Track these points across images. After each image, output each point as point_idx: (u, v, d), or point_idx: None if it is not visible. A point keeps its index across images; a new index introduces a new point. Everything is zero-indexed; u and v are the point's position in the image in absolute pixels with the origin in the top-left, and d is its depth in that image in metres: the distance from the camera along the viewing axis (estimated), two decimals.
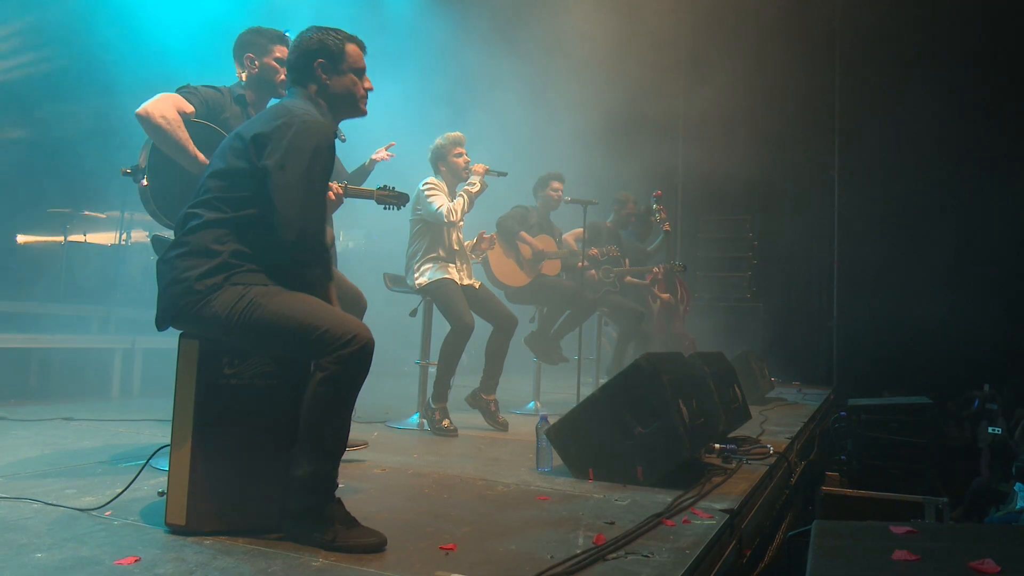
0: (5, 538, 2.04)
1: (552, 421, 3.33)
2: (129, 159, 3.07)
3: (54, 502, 2.41)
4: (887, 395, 7.78)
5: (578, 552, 2.07)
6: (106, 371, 5.75)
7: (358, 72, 2.52)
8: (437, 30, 8.26)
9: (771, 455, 3.79)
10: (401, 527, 2.26)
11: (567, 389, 5.70)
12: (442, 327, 4.51)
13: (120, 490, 2.44)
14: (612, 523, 2.44)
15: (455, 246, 4.67)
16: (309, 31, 2.48)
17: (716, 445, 3.62)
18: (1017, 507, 5.94)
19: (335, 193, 3.10)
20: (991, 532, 3.19)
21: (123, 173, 3.06)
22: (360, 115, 2.58)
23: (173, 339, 2.25)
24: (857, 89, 10.11)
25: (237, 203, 2.25)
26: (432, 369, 4.58)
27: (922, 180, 9.31)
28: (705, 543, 2.23)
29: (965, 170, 9.17)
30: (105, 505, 2.37)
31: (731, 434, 4.05)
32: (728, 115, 10.18)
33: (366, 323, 2.31)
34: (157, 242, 3.10)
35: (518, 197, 5.72)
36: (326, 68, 2.45)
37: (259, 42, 3.27)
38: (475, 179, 4.59)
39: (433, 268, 4.57)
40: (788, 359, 9.22)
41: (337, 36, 2.49)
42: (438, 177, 4.69)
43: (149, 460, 2.58)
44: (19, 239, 7.66)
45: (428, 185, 4.58)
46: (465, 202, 4.53)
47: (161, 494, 2.24)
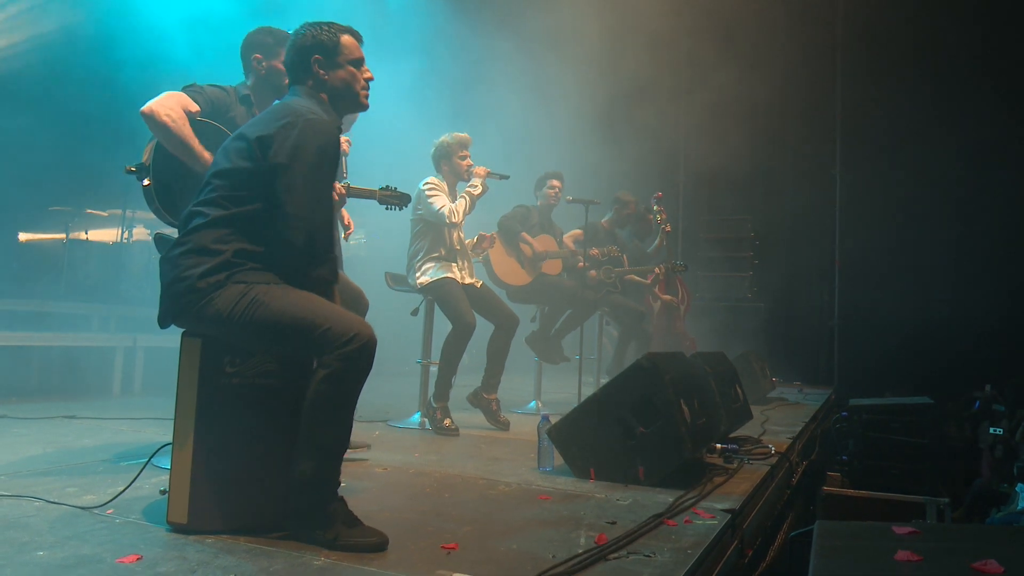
0: (7, 536, 2.04)
1: (553, 420, 3.33)
2: (132, 157, 3.07)
3: (56, 500, 2.41)
4: (889, 395, 7.77)
5: (580, 552, 2.07)
6: (108, 369, 5.76)
7: (355, 63, 2.49)
8: (437, 30, 8.26)
9: (772, 455, 3.78)
10: (402, 526, 2.26)
11: (568, 389, 5.71)
12: (443, 326, 4.51)
13: (122, 488, 2.44)
14: (614, 523, 2.43)
15: (456, 245, 4.67)
16: (302, 28, 2.46)
17: (717, 445, 3.62)
18: (1018, 508, 5.93)
19: (338, 193, 3.11)
20: (993, 533, 3.18)
21: (126, 171, 3.05)
22: (362, 109, 2.55)
23: (175, 337, 2.25)
24: (858, 88, 10.10)
25: (241, 202, 2.25)
26: (433, 368, 4.58)
27: (924, 179, 9.29)
28: (707, 543, 2.23)
29: (967, 169, 9.15)
30: (107, 503, 2.37)
31: (732, 434, 4.04)
32: (729, 114, 10.16)
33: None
34: (160, 240, 3.09)
35: (519, 197, 5.72)
36: (323, 63, 2.43)
37: (267, 43, 3.25)
38: (477, 181, 4.58)
39: (435, 267, 4.57)
40: (789, 359, 9.22)
41: (330, 29, 2.46)
42: (439, 176, 4.68)
43: (151, 458, 2.58)
44: (21, 237, 7.66)
45: (429, 185, 4.58)
46: (467, 204, 4.53)
47: (163, 492, 2.24)
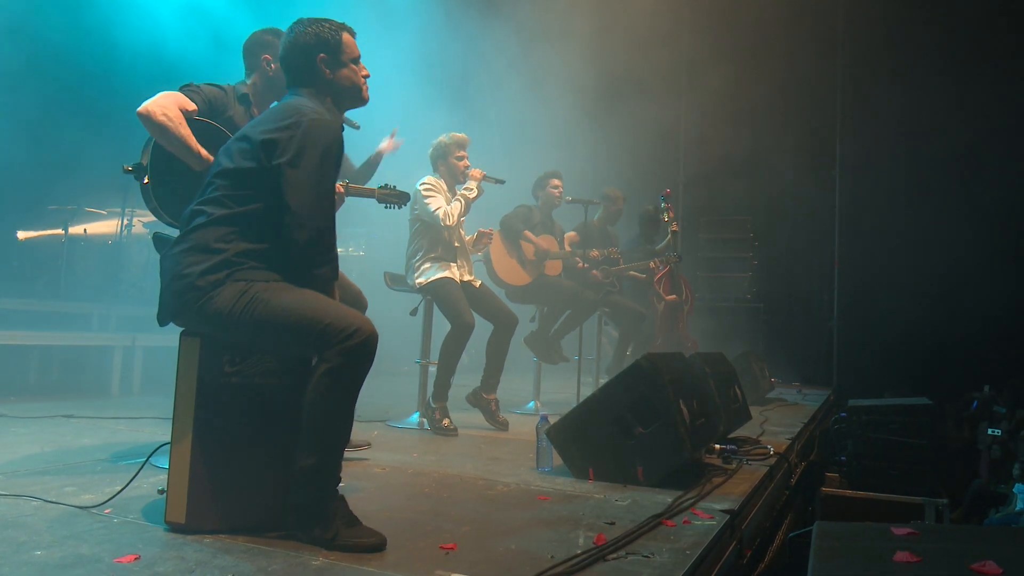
0: (5, 535, 2.04)
1: (552, 421, 3.32)
2: (131, 156, 3.06)
3: (54, 500, 2.40)
4: (888, 396, 7.78)
5: (578, 552, 2.07)
6: (106, 368, 5.75)
7: (356, 60, 2.52)
8: (435, 29, 8.26)
9: (771, 456, 3.79)
10: (401, 526, 2.26)
11: (567, 389, 5.70)
12: (442, 326, 4.51)
13: (120, 488, 2.44)
14: (612, 523, 2.43)
15: (455, 244, 4.66)
16: (301, 26, 2.45)
17: (716, 446, 3.62)
18: (1016, 509, 5.94)
19: (336, 193, 3.09)
20: (992, 534, 3.19)
21: (125, 170, 3.05)
22: (363, 103, 2.57)
23: (173, 337, 2.25)
24: (859, 89, 10.11)
25: (244, 201, 2.25)
26: (432, 368, 4.58)
27: (923, 180, 9.31)
28: (705, 544, 2.23)
29: (967, 170, 9.16)
30: (105, 503, 2.37)
31: (731, 434, 4.05)
32: (729, 115, 10.18)
33: None
34: (158, 240, 3.09)
35: (517, 197, 5.72)
36: (328, 62, 2.44)
37: (276, 45, 3.23)
38: (472, 184, 4.58)
39: (433, 267, 4.56)
40: (788, 359, 9.22)
41: (331, 27, 2.47)
42: (436, 175, 4.68)
43: (149, 458, 2.58)
44: (19, 235, 7.66)
45: (426, 185, 4.57)
46: (462, 207, 4.53)
47: (161, 492, 2.24)
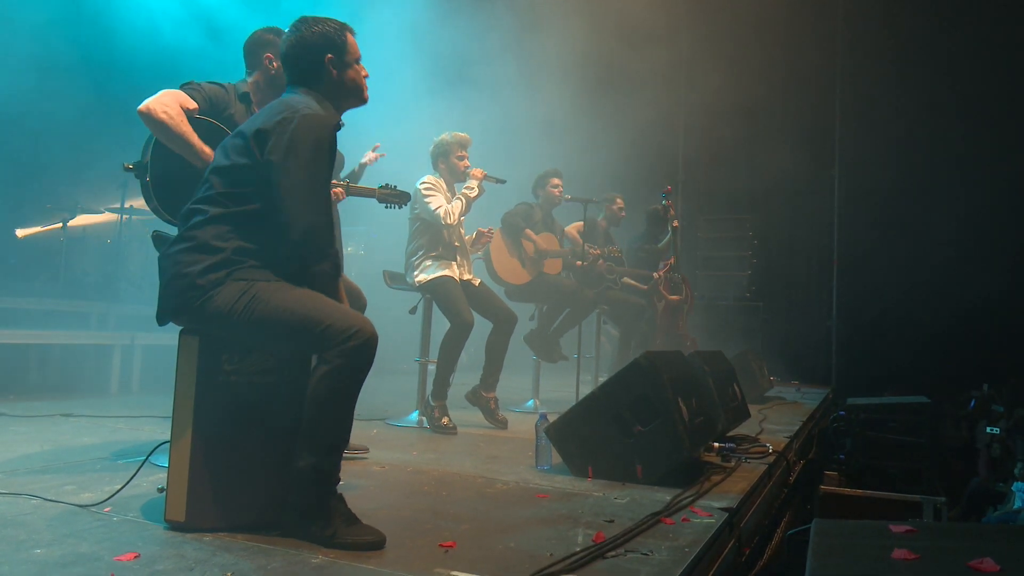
0: (4, 534, 2.04)
1: (551, 419, 3.33)
2: (131, 154, 3.06)
3: (53, 498, 2.40)
4: (886, 394, 7.78)
5: (577, 550, 2.07)
6: (105, 367, 5.75)
7: (358, 61, 2.52)
8: (432, 27, 8.25)
9: (770, 454, 3.79)
10: (400, 524, 2.26)
11: (566, 387, 5.71)
12: (442, 324, 4.51)
13: (119, 486, 2.44)
14: (611, 521, 2.44)
15: (455, 242, 4.67)
16: (306, 25, 2.44)
17: (715, 444, 3.62)
18: (1014, 507, 5.95)
19: (334, 193, 3.10)
20: (990, 531, 3.19)
21: (125, 168, 3.05)
22: (363, 104, 2.57)
23: (172, 335, 2.25)
24: (858, 88, 10.11)
25: (240, 199, 2.25)
26: (431, 367, 4.58)
27: (922, 179, 9.31)
28: (704, 541, 2.23)
29: (965, 169, 9.17)
30: (104, 501, 2.37)
31: (730, 433, 4.05)
32: (728, 114, 10.17)
33: None
34: (157, 238, 3.08)
35: (515, 196, 5.72)
36: (335, 63, 2.44)
37: (279, 43, 3.23)
38: (473, 183, 4.59)
39: (433, 265, 4.57)
40: (787, 358, 9.22)
41: (337, 27, 2.47)
42: (436, 174, 4.68)
43: (149, 456, 2.58)
44: (18, 234, 7.66)
45: (426, 184, 4.58)
46: (463, 206, 4.53)
47: (161, 490, 2.24)
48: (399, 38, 7.61)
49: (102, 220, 7.75)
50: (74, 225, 7.31)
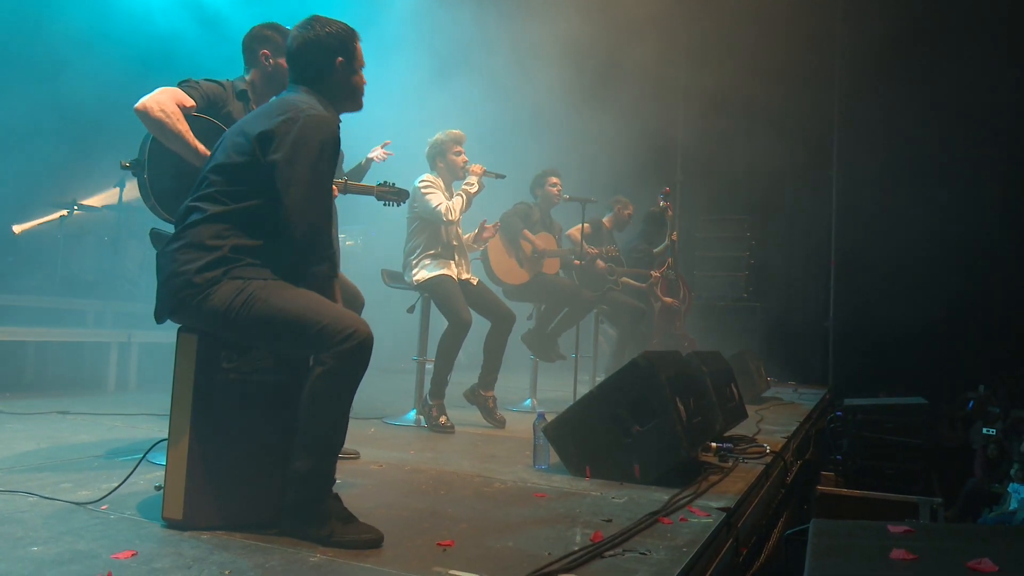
0: (1, 531, 2.04)
1: (549, 418, 3.33)
2: (129, 152, 3.06)
3: (50, 496, 2.40)
4: (883, 395, 7.80)
5: (575, 549, 2.07)
6: (103, 365, 5.74)
7: (363, 67, 2.54)
8: (431, 26, 8.24)
9: (767, 454, 3.79)
10: (398, 523, 2.26)
11: (564, 387, 5.71)
12: (440, 323, 4.51)
13: (117, 484, 2.43)
14: (609, 521, 2.43)
15: (453, 242, 4.66)
16: (320, 25, 2.43)
17: (713, 444, 3.62)
18: (1010, 508, 5.97)
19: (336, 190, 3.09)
20: (988, 532, 3.20)
21: (122, 166, 3.04)
22: (359, 110, 2.57)
23: (170, 333, 2.25)
24: (856, 89, 10.13)
25: (239, 197, 2.24)
26: (429, 365, 4.58)
27: (920, 181, 9.33)
28: (702, 541, 2.23)
29: (963, 171, 9.19)
30: (102, 499, 2.37)
31: (728, 433, 4.05)
32: (726, 114, 10.19)
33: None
34: (155, 236, 3.09)
35: (514, 195, 5.71)
36: (345, 66, 2.45)
37: (277, 41, 3.21)
38: (473, 179, 4.58)
39: (431, 264, 4.56)
40: (785, 359, 9.23)
41: (349, 31, 2.48)
42: (434, 173, 4.68)
43: (146, 454, 2.58)
44: (15, 230, 7.64)
45: (425, 182, 4.57)
46: (464, 201, 4.53)
47: (158, 488, 2.24)
48: (393, 34, 7.59)
49: (100, 217, 7.72)
50: (71, 222, 7.29)
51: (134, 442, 3.48)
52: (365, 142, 4.25)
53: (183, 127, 2.91)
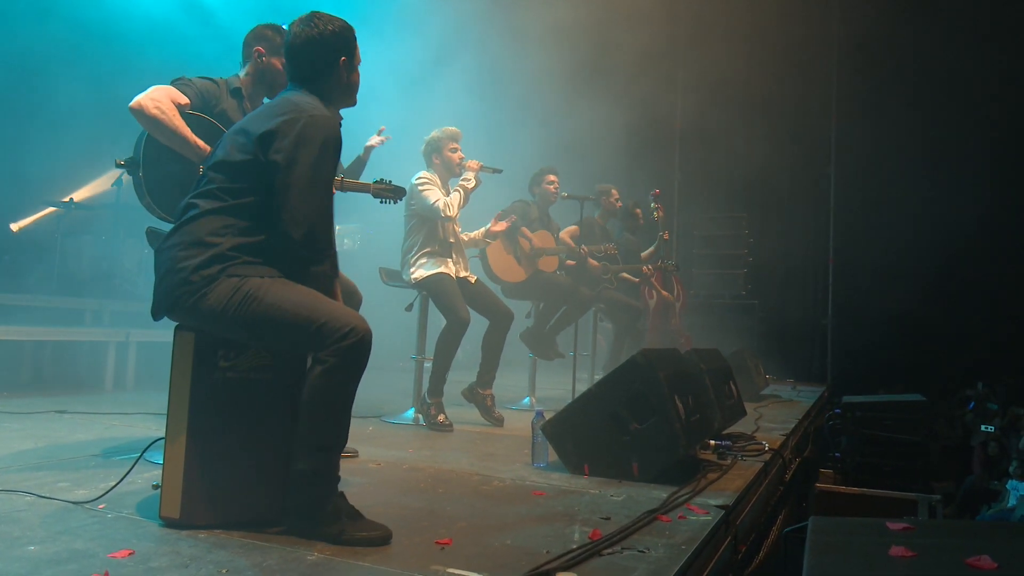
0: None
1: (548, 417, 3.32)
2: (124, 150, 3.05)
3: (47, 495, 2.39)
4: (882, 393, 7.81)
5: (574, 547, 2.07)
6: (100, 364, 5.73)
7: (359, 64, 2.54)
8: (431, 27, 8.22)
9: (766, 452, 3.79)
10: (396, 521, 2.25)
11: (562, 385, 5.71)
12: (438, 322, 4.50)
13: (114, 483, 2.42)
14: (608, 518, 2.43)
15: (451, 239, 4.66)
16: (323, 23, 2.41)
17: (711, 441, 3.63)
18: (1009, 505, 5.97)
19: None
20: (987, 529, 3.20)
21: (117, 164, 3.04)
22: (353, 105, 2.57)
23: (167, 332, 2.24)
24: (853, 88, 10.13)
25: (238, 195, 2.23)
26: (428, 364, 4.57)
27: (917, 178, 9.34)
28: (700, 539, 2.23)
29: (961, 169, 9.19)
30: (99, 498, 2.36)
31: (726, 431, 4.05)
32: (724, 113, 10.19)
33: None
34: (151, 234, 3.08)
35: (512, 193, 5.70)
36: (347, 66, 2.45)
37: (274, 41, 3.22)
38: (470, 175, 4.58)
39: (429, 262, 4.56)
40: (783, 356, 9.25)
41: (350, 29, 2.47)
42: (430, 170, 4.67)
43: (143, 453, 2.57)
44: (13, 228, 7.62)
45: (421, 179, 4.57)
46: (461, 197, 4.52)
47: (156, 487, 2.23)
48: (388, 28, 7.56)
49: (96, 216, 7.70)
50: (68, 221, 7.28)
51: (131, 441, 3.48)
52: (362, 138, 4.24)
53: (179, 123, 2.91)
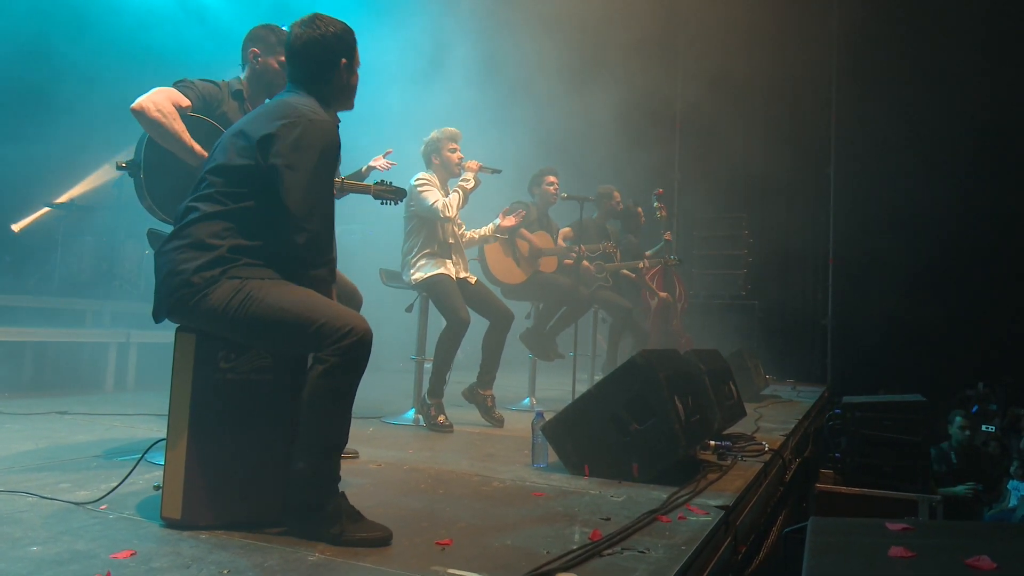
0: (0, 531, 2.03)
1: (548, 417, 3.33)
2: (125, 152, 3.05)
3: (49, 496, 2.40)
4: (882, 393, 7.80)
5: (574, 548, 2.07)
6: (101, 365, 5.73)
7: (358, 66, 2.54)
8: (431, 27, 8.22)
9: (766, 452, 3.79)
10: (396, 522, 2.25)
11: (562, 385, 5.71)
12: (438, 323, 4.51)
13: (115, 484, 2.43)
14: (608, 519, 2.44)
15: (450, 240, 4.66)
16: (324, 23, 2.42)
17: (711, 442, 3.63)
18: (1009, 505, 5.97)
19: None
20: (987, 529, 3.20)
21: (118, 166, 3.04)
22: (351, 108, 2.57)
23: (168, 333, 2.24)
24: (853, 87, 10.13)
25: (238, 198, 2.23)
26: (428, 365, 4.58)
27: (917, 178, 9.33)
28: (700, 539, 2.24)
29: (961, 168, 9.18)
30: (100, 499, 2.37)
31: (726, 431, 4.05)
32: (724, 113, 10.19)
33: None
34: (152, 236, 3.09)
35: (512, 194, 5.71)
36: (348, 68, 2.45)
37: (269, 41, 3.22)
38: (469, 175, 4.59)
39: (429, 263, 4.56)
40: (783, 356, 9.25)
41: (350, 31, 2.47)
42: (429, 171, 4.68)
43: (145, 454, 2.57)
44: (14, 229, 7.62)
45: (420, 180, 4.58)
46: (460, 198, 4.53)
47: (157, 488, 2.23)
48: (385, 28, 7.56)
49: (97, 217, 7.70)
50: (69, 222, 7.28)
51: (133, 442, 3.48)
52: (363, 138, 4.24)
53: (180, 127, 2.91)
